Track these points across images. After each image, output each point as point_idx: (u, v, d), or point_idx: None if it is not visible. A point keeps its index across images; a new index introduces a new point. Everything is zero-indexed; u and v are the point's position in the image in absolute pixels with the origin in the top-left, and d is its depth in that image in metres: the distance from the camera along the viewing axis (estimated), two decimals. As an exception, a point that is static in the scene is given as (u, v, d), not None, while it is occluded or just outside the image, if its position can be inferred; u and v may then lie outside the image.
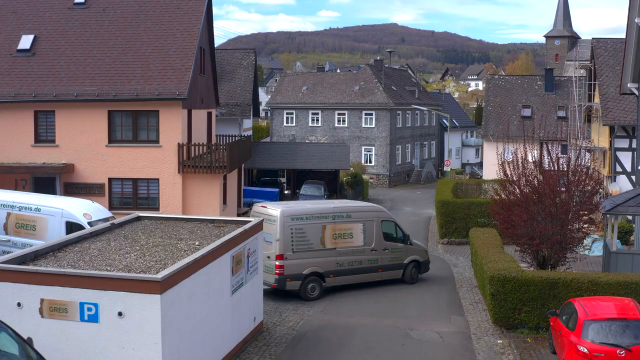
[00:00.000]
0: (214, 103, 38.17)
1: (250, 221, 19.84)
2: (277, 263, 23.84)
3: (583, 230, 24.62)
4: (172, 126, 30.43)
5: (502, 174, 25.86)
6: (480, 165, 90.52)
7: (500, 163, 26.00)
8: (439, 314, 23.20)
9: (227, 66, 53.27)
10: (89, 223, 23.44)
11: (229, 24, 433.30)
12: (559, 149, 32.88)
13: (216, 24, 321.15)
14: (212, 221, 20.38)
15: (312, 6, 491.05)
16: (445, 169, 66.59)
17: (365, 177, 60.94)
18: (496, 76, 61.64)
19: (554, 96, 57.87)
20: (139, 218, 20.77)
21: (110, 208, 30.86)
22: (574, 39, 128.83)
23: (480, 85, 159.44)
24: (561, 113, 56.68)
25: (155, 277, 13.49)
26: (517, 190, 24.77)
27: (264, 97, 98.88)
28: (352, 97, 72.11)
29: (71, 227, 23.64)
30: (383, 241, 26.51)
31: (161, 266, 15.03)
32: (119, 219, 20.38)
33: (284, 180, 56.97)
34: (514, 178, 25.26)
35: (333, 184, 54.45)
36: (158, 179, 30.68)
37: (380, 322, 21.93)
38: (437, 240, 38.72)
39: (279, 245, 23.88)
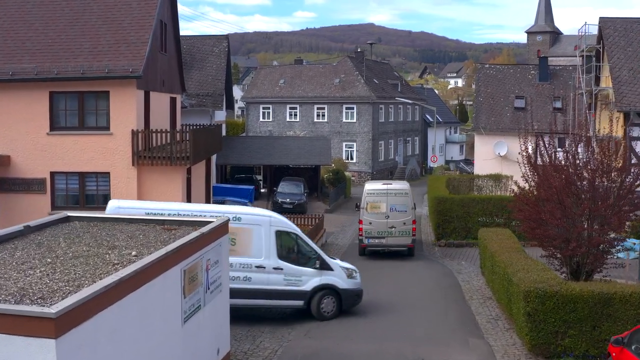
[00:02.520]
0: (179, 88, 32.96)
1: (211, 222, 14.74)
2: (413, 227, 29.48)
3: (625, 229, 19.81)
4: (125, 110, 25.22)
5: (526, 164, 20.92)
6: (465, 162, 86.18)
7: (523, 150, 21.06)
8: (453, 336, 18.24)
9: (198, 54, 48.08)
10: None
11: (205, 25, 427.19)
12: (556, 142, 28.73)
13: (192, 24, 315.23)
14: (162, 222, 15.27)
15: (288, 7, 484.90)
16: (432, 164, 61.80)
17: (347, 174, 56.00)
18: (487, 65, 56.89)
19: (549, 86, 53.21)
20: (67, 218, 15.61)
21: (53, 208, 25.65)
22: (555, 34, 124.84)
23: (460, 83, 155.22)
24: (557, 104, 52.05)
25: (48, 311, 8.39)
26: (547, 182, 19.84)
27: (239, 95, 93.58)
28: (332, 91, 67.20)
29: (281, 237, 19.71)
30: None
31: (72, 289, 9.95)
32: (39, 220, 15.19)
33: (260, 177, 51.88)
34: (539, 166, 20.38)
35: (313, 181, 49.45)
36: (109, 173, 25.45)
37: (381, 349, 16.95)
38: (432, 242, 33.84)
39: (414, 212, 29.83)
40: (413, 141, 77.19)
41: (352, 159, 65.98)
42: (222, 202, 34.87)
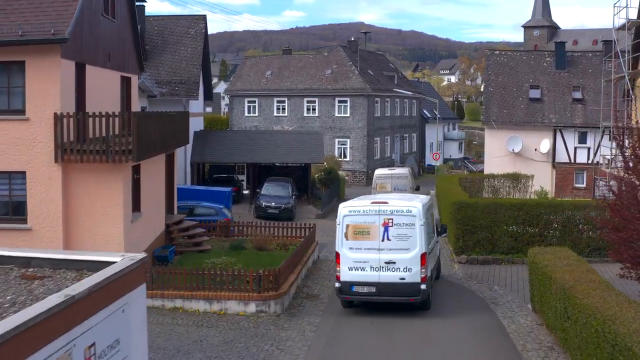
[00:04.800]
0: (136, 67, 25.85)
1: (113, 263, 7.73)
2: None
3: None
4: (45, 87, 18.12)
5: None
6: (463, 160, 79.71)
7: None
8: None
9: (170, 36, 41.00)
10: None
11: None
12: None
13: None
14: (28, 262, 8.27)
15: (277, 6, 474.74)
16: (434, 163, 54.96)
17: (341, 173, 49.03)
18: (497, 52, 49.93)
19: (567, 74, 46.41)
20: None
21: (-47, 219, 18.57)
22: (553, 29, 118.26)
23: (453, 79, 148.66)
24: (577, 94, 45.25)
25: None
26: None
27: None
28: (324, 82, 60.17)
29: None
30: None
31: None
32: None
33: (243, 177, 44.88)
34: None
35: (303, 182, 42.47)
36: (24, 172, 18.35)
37: None
38: (450, 256, 26.94)
39: (412, 190, 34.77)
40: (410, 138, 70.32)
41: (345, 156, 59.00)
42: (191, 209, 27.91)
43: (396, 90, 61.64)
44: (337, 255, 18.30)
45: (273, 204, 36.02)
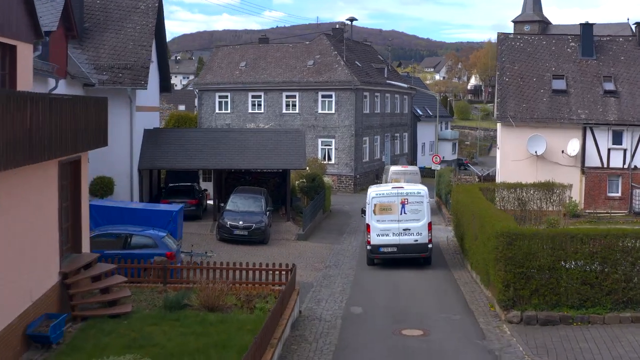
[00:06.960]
0: (28, 32, 16.83)
1: None
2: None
3: None
4: None
5: None
6: (458, 162, 71.67)
7: None
8: None
9: (115, 11, 32.10)
10: None
11: (173, 24, 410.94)
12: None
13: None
14: None
15: (257, 6, 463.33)
16: (434, 166, 46.29)
17: (326, 179, 40.21)
18: (511, 35, 41.30)
19: (595, 62, 38.02)
20: None
21: None
22: (544, 24, 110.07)
23: (437, 77, 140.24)
24: (608, 85, 36.83)
25: None
26: None
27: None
28: (305, 74, 51.38)
29: None
30: None
31: None
32: None
33: (207, 187, 35.90)
34: None
35: (281, 191, 33.67)
36: None
37: None
38: (489, 310, 18.22)
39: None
40: (402, 137, 61.68)
41: (329, 159, 50.30)
42: (118, 239, 18.97)
43: (389, 82, 53.00)
44: (368, 226, 23.54)
45: (241, 222, 27.15)
